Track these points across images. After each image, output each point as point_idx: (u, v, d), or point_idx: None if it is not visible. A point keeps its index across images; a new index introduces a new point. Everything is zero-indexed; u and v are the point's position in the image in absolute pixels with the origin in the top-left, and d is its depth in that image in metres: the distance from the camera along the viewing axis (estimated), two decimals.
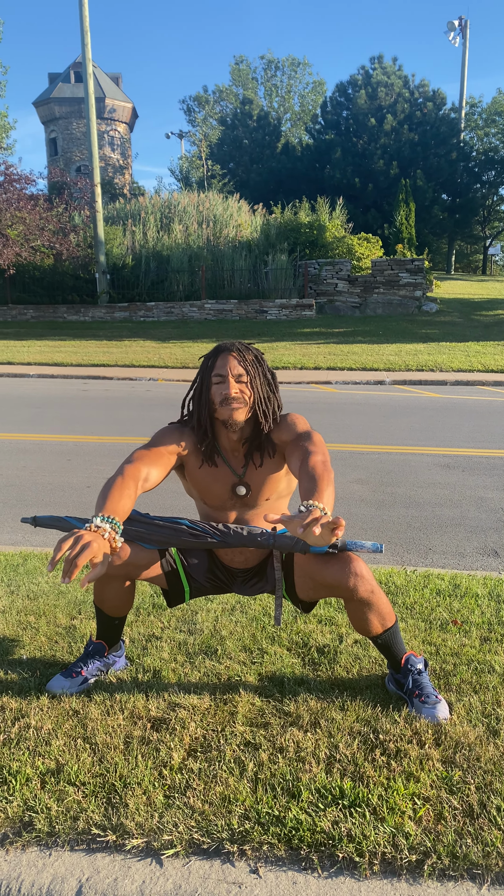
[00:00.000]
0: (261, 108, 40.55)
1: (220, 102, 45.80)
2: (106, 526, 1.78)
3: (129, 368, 15.19)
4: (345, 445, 7.28)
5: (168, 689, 2.28)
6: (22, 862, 1.60)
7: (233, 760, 1.90)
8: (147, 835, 1.64)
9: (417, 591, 3.22)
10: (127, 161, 42.41)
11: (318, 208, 23.76)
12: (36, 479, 5.87)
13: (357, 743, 1.96)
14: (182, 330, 20.41)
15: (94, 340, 19.24)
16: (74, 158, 40.49)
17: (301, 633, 2.71)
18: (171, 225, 23.81)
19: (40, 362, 15.80)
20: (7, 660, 2.50)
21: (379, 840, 1.60)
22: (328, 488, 1.80)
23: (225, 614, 2.90)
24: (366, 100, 33.14)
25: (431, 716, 2.08)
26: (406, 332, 19.13)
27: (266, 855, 1.59)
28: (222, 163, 36.06)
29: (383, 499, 5.30)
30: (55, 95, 40.17)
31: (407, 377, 13.66)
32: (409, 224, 25.00)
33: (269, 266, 22.18)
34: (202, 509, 2.29)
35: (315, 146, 34.81)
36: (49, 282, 22.86)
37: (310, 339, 18.45)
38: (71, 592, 3.18)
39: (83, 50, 21.44)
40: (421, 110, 33.09)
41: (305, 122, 43.08)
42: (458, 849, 1.58)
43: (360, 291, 22.07)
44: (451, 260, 38.47)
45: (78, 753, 1.93)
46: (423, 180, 31.23)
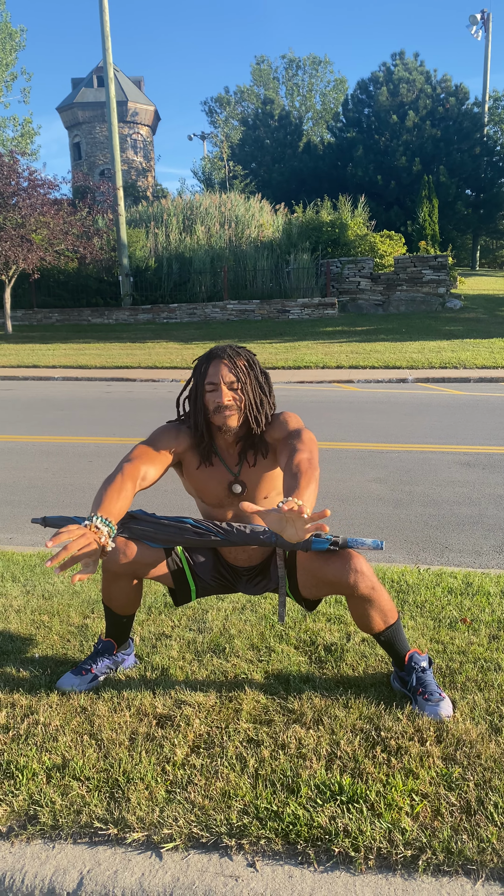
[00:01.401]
0: (282, 108, 40.53)
1: (241, 103, 45.86)
2: (103, 528, 1.83)
3: (152, 370, 15.30)
4: (365, 444, 7.28)
5: (175, 686, 2.32)
6: (26, 854, 1.64)
7: (235, 757, 1.92)
8: (147, 829, 1.68)
9: (429, 589, 3.22)
10: (150, 163, 42.68)
11: (339, 207, 23.70)
12: (58, 480, 5.96)
13: (358, 740, 1.98)
14: (204, 331, 20.50)
15: (118, 343, 19.41)
16: (98, 162, 40.86)
17: (309, 632, 2.73)
18: (194, 226, 23.93)
19: (65, 365, 15.99)
20: (20, 658, 2.56)
21: (375, 835, 1.61)
22: (310, 486, 1.81)
23: (235, 613, 2.93)
24: (387, 97, 32.96)
25: (434, 713, 2.09)
26: (429, 330, 19.01)
27: (263, 849, 1.62)
28: (244, 163, 36.12)
29: (401, 497, 5.29)
30: (78, 100, 40.58)
31: (430, 375, 13.57)
32: (433, 220, 24.82)
33: (291, 265, 22.19)
34: (202, 507, 2.33)
35: (337, 144, 34.70)
36: (73, 285, 23.12)
37: (332, 338, 18.42)
38: (85, 592, 3.23)
39: (104, 55, 21.64)
40: (443, 105, 32.82)
41: (327, 120, 42.95)
42: (453, 844, 1.59)
43: (382, 289, 21.98)
44: (475, 256, 38.07)
45: (84, 749, 1.97)
46: (446, 176, 30.96)
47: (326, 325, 20.34)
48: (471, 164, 32.20)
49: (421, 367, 14.45)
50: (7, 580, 3.42)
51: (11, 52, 34.75)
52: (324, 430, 8.11)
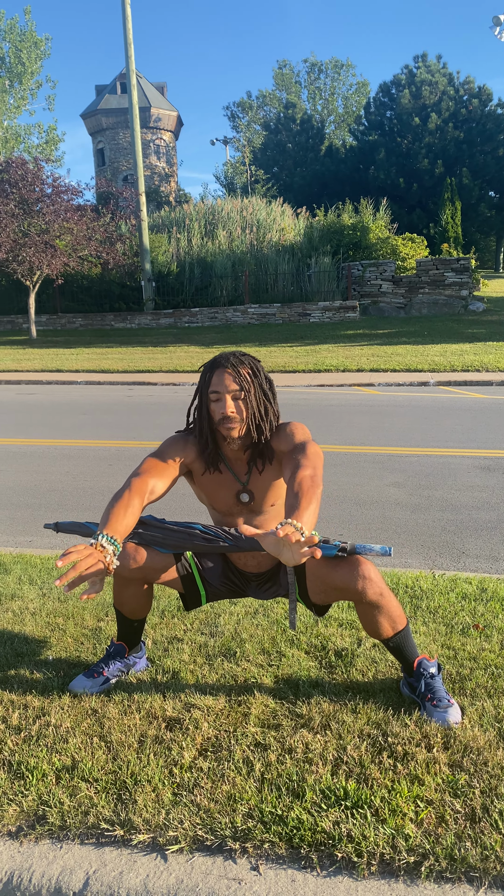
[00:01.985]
0: (304, 112, 40.58)
1: (263, 107, 45.99)
2: (109, 548, 1.86)
3: (173, 374, 15.38)
4: (384, 448, 7.26)
5: (185, 689, 2.34)
6: (34, 854, 1.67)
7: (241, 760, 1.94)
8: (153, 830, 1.70)
9: (443, 594, 3.20)
10: (172, 169, 42.92)
11: (361, 210, 23.68)
12: (78, 483, 6.02)
13: (365, 745, 1.98)
14: (226, 335, 20.57)
15: (140, 347, 19.55)
16: (122, 168, 41.17)
17: (320, 637, 2.74)
18: (215, 231, 24.04)
19: (88, 369, 16.14)
20: (34, 660, 2.60)
21: (378, 841, 1.62)
22: (310, 506, 1.81)
23: (247, 617, 2.95)
24: (409, 99, 32.88)
25: (442, 719, 2.08)
26: (452, 332, 18.89)
27: (267, 853, 1.63)
28: (266, 167, 36.22)
29: (419, 502, 5.27)
30: (102, 107, 40.93)
31: (452, 378, 13.48)
32: (455, 223, 24.71)
33: (313, 269, 22.19)
34: (213, 515, 2.35)
35: (359, 147, 34.69)
36: (96, 290, 23.34)
37: (353, 341, 18.38)
38: (99, 595, 3.26)
39: (127, 62, 21.83)
40: (466, 107, 32.66)
41: (349, 123, 42.93)
42: (456, 851, 1.58)
43: (404, 292, 21.90)
44: (499, 258, 37.81)
45: (93, 751, 1.99)
46: (469, 178, 30.82)
47: (347, 328, 20.31)
48: (494, 165, 32.01)
49: (443, 371, 14.36)
50: (24, 583, 3.46)
51: (37, 60, 35.22)
52: (343, 433, 8.11)
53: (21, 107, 35.43)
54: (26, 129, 35.93)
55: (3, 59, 34.53)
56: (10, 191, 20.15)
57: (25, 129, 35.92)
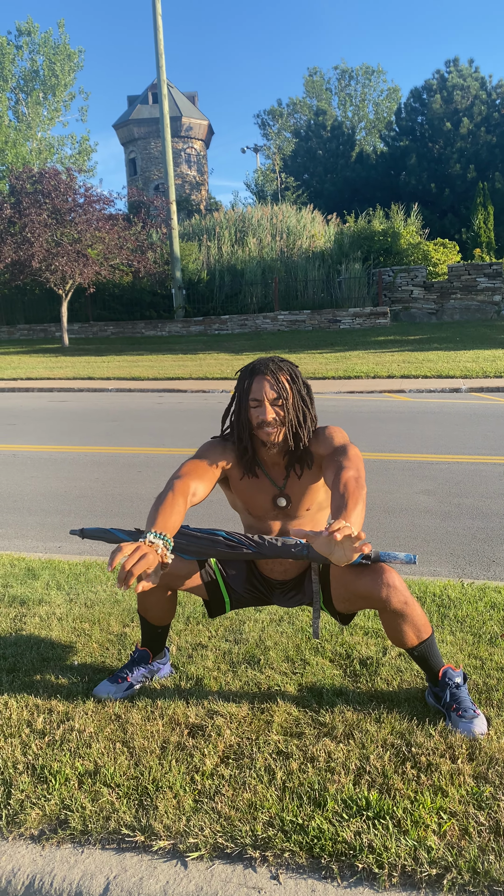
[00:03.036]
0: (334, 119, 40.59)
1: (293, 115, 46.09)
2: (159, 542, 1.87)
3: (203, 381, 15.45)
4: (414, 455, 7.19)
5: (208, 696, 2.34)
6: (56, 858, 1.68)
7: (263, 768, 1.93)
8: (174, 837, 1.70)
9: (471, 604, 3.16)
10: (203, 177, 43.24)
11: (392, 215, 23.59)
12: (107, 490, 6.07)
13: (388, 755, 1.96)
14: (255, 342, 20.61)
15: (170, 354, 19.68)
16: (153, 177, 41.59)
17: (346, 645, 2.72)
18: (245, 238, 24.14)
19: (119, 377, 16.28)
20: (60, 665, 2.62)
21: (400, 852, 1.60)
22: (357, 506, 1.82)
23: (272, 625, 2.94)
24: (441, 104, 32.69)
25: (468, 730, 2.05)
26: (484, 338, 18.68)
27: (287, 862, 1.62)
28: (296, 174, 36.29)
29: (449, 510, 5.22)
30: (134, 117, 41.44)
31: (484, 384, 13.33)
32: (488, 227, 24.49)
33: (343, 275, 22.15)
34: (246, 521, 2.34)
35: (389, 153, 34.57)
36: (128, 298, 23.58)
37: (383, 348, 18.29)
38: (126, 601, 3.28)
39: (158, 72, 22.07)
40: (499, 111, 32.36)
41: (380, 129, 42.81)
42: (479, 865, 1.56)
43: (436, 298, 21.73)
44: None
45: (116, 756, 2.00)
46: (501, 182, 30.49)
47: (378, 334, 20.21)
48: None
49: (475, 377, 14.20)
50: (52, 588, 3.50)
51: (70, 72, 35.81)
52: (373, 440, 8.06)
53: (55, 118, 36.06)
54: (60, 141, 36.52)
55: (38, 71, 35.18)
56: (43, 201, 20.47)
57: (59, 140, 36.53)
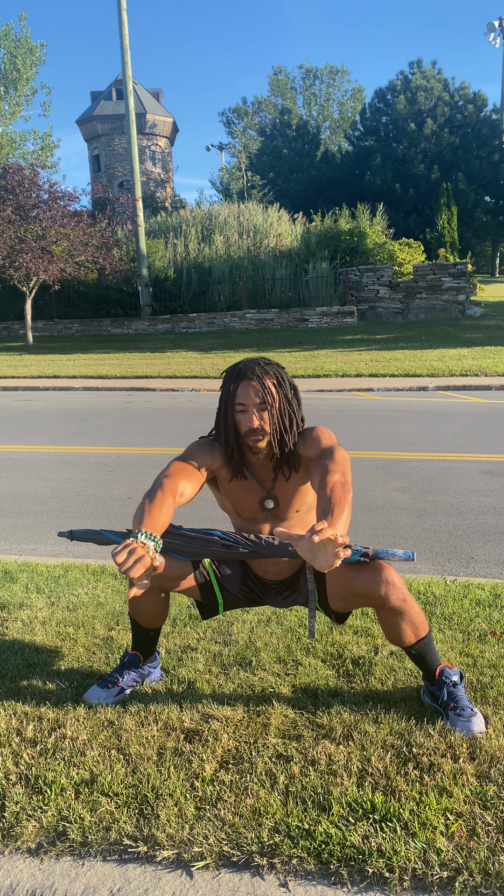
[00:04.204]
0: (300, 118, 40.68)
1: (259, 113, 46.10)
2: (149, 543, 1.83)
3: (172, 380, 15.34)
4: (386, 453, 7.23)
5: (202, 700, 2.30)
6: (55, 871, 1.63)
7: (264, 773, 1.90)
8: (178, 846, 1.66)
9: (457, 601, 3.17)
10: (168, 175, 42.98)
11: (358, 215, 23.70)
12: (79, 490, 5.97)
13: (390, 756, 1.95)
14: (224, 340, 20.54)
15: (138, 353, 19.50)
16: (117, 174, 41.21)
17: (336, 645, 2.70)
18: (212, 236, 24.03)
19: (85, 375, 16.08)
20: (47, 670, 2.55)
21: (410, 856, 1.58)
22: (343, 513, 1.80)
23: (261, 625, 2.91)
24: (405, 105, 32.97)
25: (467, 729, 2.05)
26: (449, 337, 18.89)
27: (296, 869, 1.59)
28: (262, 173, 36.29)
29: (425, 507, 5.24)
30: (97, 113, 40.99)
31: (451, 383, 13.48)
32: (452, 228, 24.76)
33: (310, 274, 22.19)
34: (236, 522, 2.31)
35: (354, 153, 34.76)
36: (93, 296, 23.29)
37: (351, 347, 18.38)
38: (110, 604, 3.22)
39: (123, 68, 21.85)
40: (461, 113, 32.77)
41: (344, 129, 43.05)
42: (490, 866, 1.55)
43: (401, 297, 21.91)
44: (495, 263, 37.90)
45: (112, 764, 1.95)
46: (464, 183, 30.89)
47: (345, 333, 20.30)
48: (490, 171, 32.10)
49: (441, 375, 14.36)
50: (32, 591, 3.42)
51: (32, 66, 35.24)
52: (344, 439, 8.08)
53: (16, 113, 35.44)
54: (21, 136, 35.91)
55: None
56: (6, 197, 20.10)
57: (21, 135, 35.91)
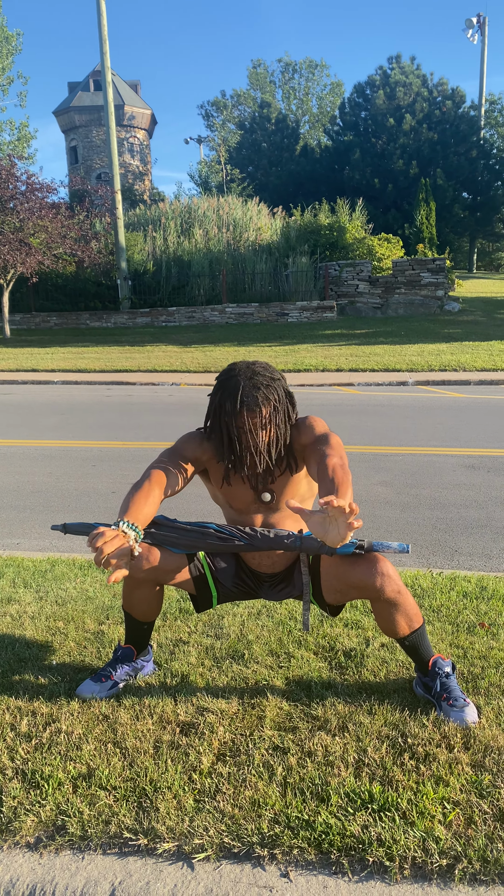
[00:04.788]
0: (279, 112, 40.61)
1: (238, 107, 45.91)
2: (130, 532, 1.83)
3: (152, 374, 15.27)
4: (368, 447, 7.26)
5: (196, 693, 2.30)
6: (56, 865, 1.62)
7: (262, 764, 1.91)
8: (178, 839, 1.66)
9: (444, 593, 3.20)
10: (146, 167, 42.69)
11: (337, 210, 23.73)
12: (61, 485, 5.93)
13: (385, 747, 1.96)
14: (203, 334, 20.49)
15: (117, 346, 19.38)
16: (95, 166, 40.84)
17: (328, 637, 2.72)
18: (192, 230, 23.92)
19: (64, 369, 15.96)
20: (37, 665, 2.54)
21: (409, 844, 1.60)
22: (348, 492, 1.82)
23: (251, 619, 2.91)
24: (384, 100, 33.04)
25: (460, 719, 2.07)
26: (428, 332, 19.02)
27: (296, 859, 1.60)
28: (241, 167, 36.17)
29: (408, 501, 5.28)
30: (75, 104, 40.56)
31: (430, 377, 13.58)
32: (430, 223, 24.87)
33: (290, 269, 22.20)
34: (228, 514, 2.31)
35: (334, 148, 34.77)
36: (71, 289, 23.08)
37: (331, 341, 18.42)
38: (99, 598, 3.21)
39: (102, 59, 21.64)
40: (440, 109, 32.92)
41: (324, 123, 43.04)
42: (489, 853, 1.57)
43: (381, 292, 22.00)
44: (472, 258, 38.16)
45: (108, 758, 1.95)
46: (443, 179, 31.05)
47: (325, 327, 20.35)
48: (468, 167, 32.29)
49: (421, 370, 14.45)
50: (19, 586, 3.39)
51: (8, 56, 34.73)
52: None
53: None
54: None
55: None
56: None
57: None
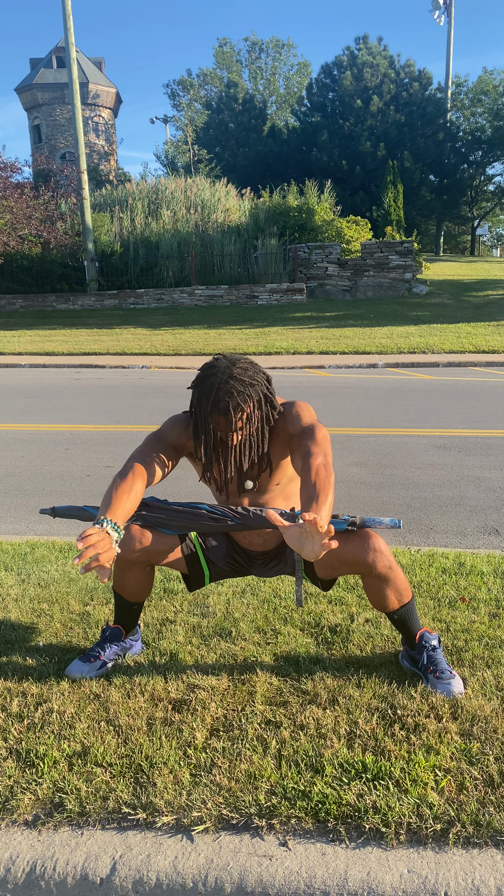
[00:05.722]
0: (246, 92, 40.21)
1: (204, 86, 45.36)
2: (112, 534, 1.86)
3: (121, 356, 15.14)
4: (341, 429, 7.32)
5: (186, 671, 2.31)
6: (55, 842, 1.63)
7: (255, 738, 1.93)
8: (177, 812, 1.68)
9: (423, 569, 3.26)
10: (112, 147, 42.03)
11: (306, 192, 23.65)
12: (35, 468, 5.88)
13: (376, 718, 2.00)
14: (173, 316, 20.35)
15: (85, 329, 19.16)
16: (59, 145, 40.08)
17: (312, 614, 2.75)
18: (159, 211, 23.65)
19: (31, 352, 15.74)
20: (25, 647, 2.53)
21: (404, 811, 1.64)
22: (327, 500, 1.82)
23: (236, 597, 2.94)
24: (351, 81, 32.90)
25: (447, 691, 2.12)
26: (397, 315, 19.14)
27: (294, 828, 1.63)
28: (208, 147, 35.77)
29: (382, 481, 5.34)
30: (38, 81, 39.67)
31: (399, 360, 13.69)
32: (398, 206, 24.94)
33: (259, 251, 22.09)
34: (217, 496, 2.31)
35: (301, 129, 34.57)
36: (37, 271, 22.70)
37: (301, 324, 18.44)
38: (81, 580, 3.20)
39: (66, 34, 21.17)
40: (407, 91, 32.89)
41: (291, 104, 42.73)
42: (481, 817, 1.62)
43: (350, 275, 22.03)
44: (439, 241, 38.40)
45: (102, 736, 1.96)
46: (410, 161, 31.10)
47: (295, 310, 20.35)
48: (434, 149, 32.39)
49: (390, 353, 14.56)
50: (0, 569, 3.37)
51: None
52: None
53: None
54: None
55: None
56: None
57: None
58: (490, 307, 20.22)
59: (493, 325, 17.45)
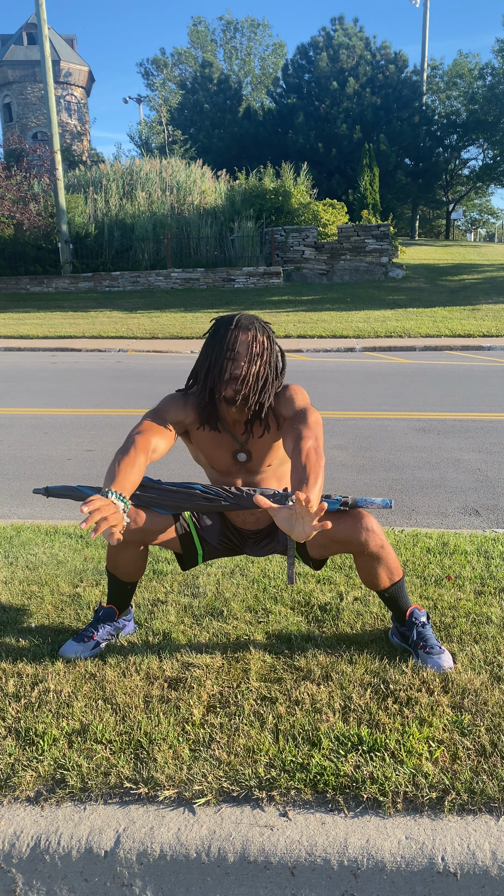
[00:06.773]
0: (221, 72, 39.79)
1: (178, 66, 44.80)
2: (118, 503, 1.84)
3: (98, 340, 15.03)
4: (321, 413, 7.35)
5: (180, 649, 2.34)
6: (58, 817, 1.65)
7: (252, 714, 1.97)
8: (178, 786, 1.71)
9: (408, 549, 3.31)
10: (85, 127, 41.42)
11: (282, 174, 23.54)
12: (14, 452, 5.84)
13: (369, 693, 2.05)
14: (149, 300, 20.21)
15: (60, 312, 18.97)
16: (31, 125, 39.39)
17: (302, 593, 2.79)
18: (134, 192, 23.40)
19: (5, 335, 15.56)
20: (17, 628, 2.53)
21: (400, 780, 1.68)
22: (318, 482, 1.83)
23: (226, 577, 2.96)
24: (327, 62, 32.72)
25: (437, 665, 2.17)
26: (374, 299, 19.21)
27: (294, 799, 1.67)
28: (183, 128, 35.42)
29: (363, 463, 5.40)
30: (7, 58, 38.87)
31: (376, 343, 13.76)
32: (374, 189, 24.94)
33: (236, 233, 21.99)
34: (210, 475, 2.33)
35: (277, 110, 34.35)
36: (10, 252, 22.38)
37: (278, 307, 18.42)
38: (70, 562, 3.20)
39: (37, 10, 20.77)
40: (383, 73, 32.80)
41: (266, 85, 42.39)
42: (475, 785, 1.67)
43: (326, 258, 22.04)
44: (414, 225, 38.53)
45: (100, 714, 1.98)
46: (386, 144, 31.08)
47: (272, 294, 20.31)
48: (410, 132, 32.38)
49: (367, 337, 14.62)
50: None
51: None
52: None
53: None
54: None
55: None
56: None
57: None
58: (465, 291, 20.37)
59: (468, 309, 17.59)
